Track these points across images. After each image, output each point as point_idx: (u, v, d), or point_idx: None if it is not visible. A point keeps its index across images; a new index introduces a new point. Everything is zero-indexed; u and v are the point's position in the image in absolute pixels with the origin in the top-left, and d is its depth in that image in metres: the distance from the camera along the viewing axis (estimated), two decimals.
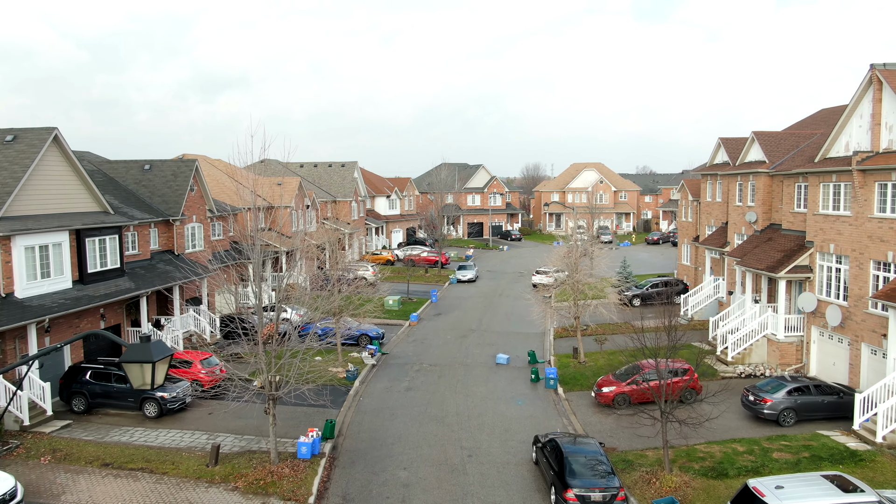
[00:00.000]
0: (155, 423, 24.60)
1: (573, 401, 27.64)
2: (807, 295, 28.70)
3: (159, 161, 38.95)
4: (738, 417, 24.72)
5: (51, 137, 26.95)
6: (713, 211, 42.69)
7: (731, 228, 38.25)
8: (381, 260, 68.45)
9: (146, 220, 33.99)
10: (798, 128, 41.42)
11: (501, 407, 26.87)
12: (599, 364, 31.98)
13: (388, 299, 46.35)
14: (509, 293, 54.14)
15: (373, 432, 24.16)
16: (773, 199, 34.68)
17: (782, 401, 23.76)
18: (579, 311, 32.38)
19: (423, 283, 57.70)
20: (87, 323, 28.74)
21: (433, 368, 32.51)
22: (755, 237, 34.74)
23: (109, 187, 35.92)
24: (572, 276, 32.15)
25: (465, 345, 37.22)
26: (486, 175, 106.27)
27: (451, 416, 25.72)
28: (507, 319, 44.07)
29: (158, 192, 37.37)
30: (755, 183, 35.65)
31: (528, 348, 36.05)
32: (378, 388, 29.59)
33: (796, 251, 29.70)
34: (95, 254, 29.24)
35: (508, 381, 30.33)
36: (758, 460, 20.47)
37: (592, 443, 19.98)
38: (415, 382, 30.26)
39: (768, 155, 35.04)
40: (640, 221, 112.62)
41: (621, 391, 26.31)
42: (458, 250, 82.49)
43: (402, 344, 37.70)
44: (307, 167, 73.98)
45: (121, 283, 30.35)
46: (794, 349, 29.62)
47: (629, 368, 27.54)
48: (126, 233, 32.54)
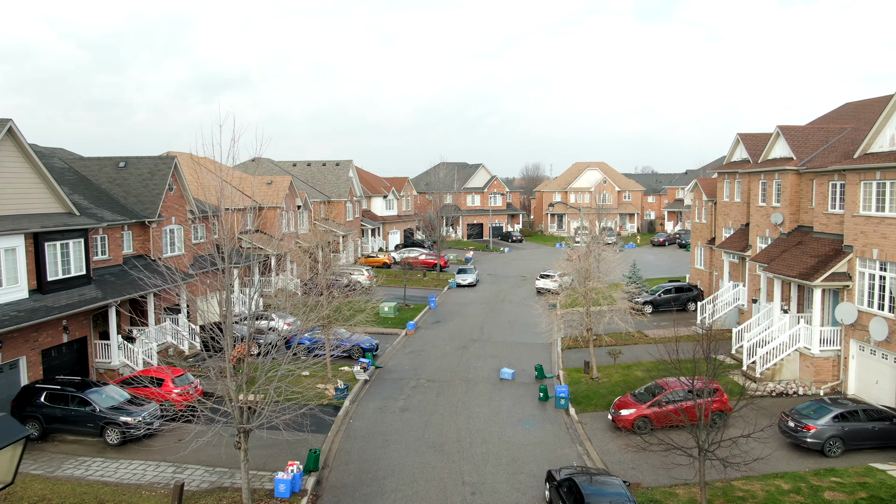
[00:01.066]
0: (116, 453, 21.74)
1: (587, 423, 24.80)
2: (846, 305, 25.89)
3: (135, 158, 36.06)
4: (776, 445, 21.84)
5: (4, 130, 24.07)
6: (731, 212, 39.87)
7: (753, 231, 35.42)
8: (376, 263, 65.56)
9: (118, 221, 31.13)
10: (822, 122, 38.60)
11: (507, 431, 24.03)
12: (614, 380, 29.14)
13: (384, 306, 43.53)
14: (512, 298, 51.30)
15: (363, 463, 21.31)
16: (802, 198, 31.85)
17: (827, 428, 20.94)
18: (592, 321, 29.49)
19: (421, 288, 54.89)
20: (46, 337, 25.86)
21: (431, 385, 29.66)
22: (782, 240, 31.92)
23: (80, 186, 33.07)
24: (584, 283, 29.27)
25: (466, 357, 34.37)
26: (486, 175, 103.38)
27: (451, 443, 22.88)
28: (511, 328, 41.23)
29: (134, 191, 34.50)
30: (781, 181, 32.83)
31: (535, 361, 33.26)
32: (370, 408, 26.74)
33: (832, 257, 26.89)
34: (56, 259, 26.35)
35: (514, 400, 27.49)
36: (808, 502, 17.64)
37: (616, 483, 17.17)
38: (411, 401, 27.41)
39: (795, 151, 32.22)
40: (643, 222, 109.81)
41: (642, 414, 23.48)
42: (458, 252, 79.62)
43: (397, 356, 34.84)
44: (300, 166, 71.13)
45: (86, 291, 27.47)
46: (831, 365, 26.80)
47: (650, 388, 24.74)
48: (94, 236, 29.67)
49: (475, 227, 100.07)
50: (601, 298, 30.65)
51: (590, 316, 29.30)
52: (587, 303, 29.19)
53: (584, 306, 29.56)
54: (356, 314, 30.16)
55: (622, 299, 31.59)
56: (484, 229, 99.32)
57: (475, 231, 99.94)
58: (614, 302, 33.78)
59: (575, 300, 33.07)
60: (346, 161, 70.91)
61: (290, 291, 42.99)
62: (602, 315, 29.55)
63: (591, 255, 29.52)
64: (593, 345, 30.11)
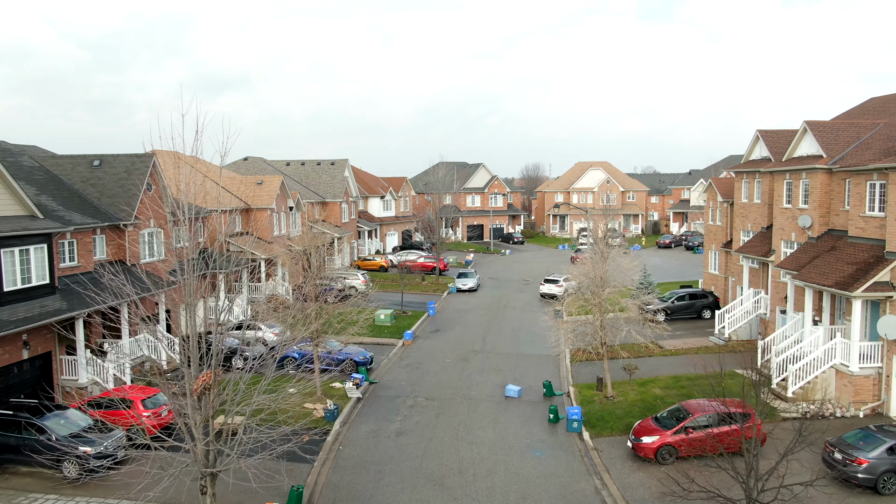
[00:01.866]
0: (73, 489, 19.18)
1: (604, 451, 22.26)
2: (889, 318, 23.37)
3: (111, 156, 33.48)
4: (822, 481, 19.25)
5: None
6: (750, 214, 37.35)
7: (777, 234, 32.89)
8: (373, 266, 62.95)
9: (88, 225, 28.58)
10: (847, 118, 36.07)
11: (515, 460, 21.48)
12: (630, 399, 26.61)
13: (380, 313, 40.98)
14: (515, 304, 48.75)
15: (353, 501, 18.77)
16: (833, 200, 29.33)
17: (882, 461, 18.42)
18: (606, 334, 26.92)
19: (420, 293, 52.32)
20: (3, 353, 23.30)
21: (430, 403, 27.11)
22: (811, 245, 29.40)
23: (50, 187, 30.52)
24: (599, 292, 26.70)
25: (468, 371, 31.82)
26: (487, 174, 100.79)
27: (452, 475, 20.34)
28: (515, 338, 38.68)
29: (109, 191, 31.93)
30: (809, 181, 30.31)
31: (542, 376, 30.76)
32: (363, 431, 24.19)
33: (872, 264, 24.37)
34: (15, 267, 23.81)
35: (522, 422, 24.94)
36: None
37: None
38: (408, 423, 24.86)
39: (825, 148, 29.71)
40: (647, 223, 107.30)
41: (666, 442, 20.93)
42: (458, 255, 77.03)
43: (393, 369, 32.28)
44: (294, 165, 68.54)
45: (49, 302, 24.93)
46: (871, 384, 24.29)
47: (673, 411, 22.21)
48: (60, 241, 27.12)
49: (475, 228, 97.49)
50: (608, 304, 28.01)
51: (605, 329, 26.73)
52: (602, 315, 26.63)
53: (596, 315, 26.97)
54: (348, 327, 27.58)
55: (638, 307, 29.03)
56: (484, 231, 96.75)
57: (475, 233, 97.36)
58: (624, 309, 31.12)
59: (582, 306, 30.51)
60: (342, 160, 68.34)
61: (279, 298, 40.49)
62: (619, 329, 26.95)
63: (606, 260, 26.94)
64: (607, 359, 27.54)
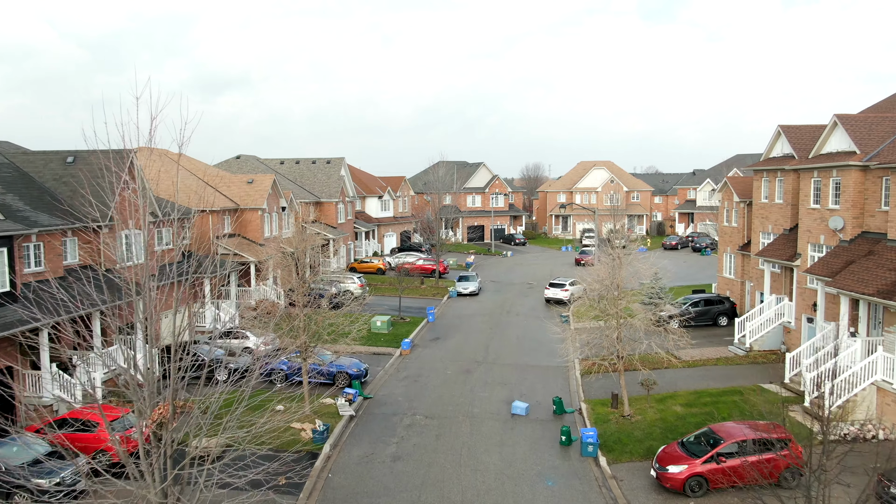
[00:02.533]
0: None
1: (624, 480, 19.92)
2: None
3: (86, 152, 31.00)
4: None
5: None
6: (771, 214, 35.03)
7: (803, 237, 30.56)
8: (370, 269, 60.54)
9: (56, 227, 26.26)
10: (876, 111, 33.75)
11: (525, 492, 19.15)
12: (650, 418, 24.28)
13: (376, 320, 38.64)
14: (519, 310, 46.41)
15: None
16: (867, 199, 27.01)
17: None
18: (624, 347, 24.58)
19: (418, 297, 49.98)
20: None
21: (430, 422, 24.75)
22: (843, 249, 27.09)
23: (18, 185, 28.21)
24: (616, 302, 24.38)
25: (470, 384, 29.47)
26: (488, 174, 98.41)
27: None
28: (520, 346, 36.32)
29: (83, 190, 29.50)
30: (841, 179, 27.98)
31: (550, 389, 28.51)
32: (355, 455, 21.83)
33: None
34: None
35: (530, 445, 22.60)
36: None
37: None
38: (405, 447, 22.51)
39: (858, 144, 27.39)
40: (652, 224, 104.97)
41: (696, 472, 18.60)
42: (458, 256, 74.60)
43: (390, 382, 29.92)
44: (288, 164, 66.17)
45: (9, 312, 22.58)
46: None
47: (702, 436, 19.88)
48: (25, 244, 24.78)
49: (476, 229, 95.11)
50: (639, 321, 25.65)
51: (621, 340, 24.39)
52: (619, 326, 24.29)
53: (613, 327, 24.62)
54: (340, 338, 25.22)
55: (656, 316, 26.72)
56: (485, 231, 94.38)
57: (476, 233, 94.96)
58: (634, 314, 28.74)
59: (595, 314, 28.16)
60: (338, 159, 65.98)
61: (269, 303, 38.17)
62: (638, 342, 24.62)
63: (622, 264, 24.63)
64: (623, 374, 25.19)
